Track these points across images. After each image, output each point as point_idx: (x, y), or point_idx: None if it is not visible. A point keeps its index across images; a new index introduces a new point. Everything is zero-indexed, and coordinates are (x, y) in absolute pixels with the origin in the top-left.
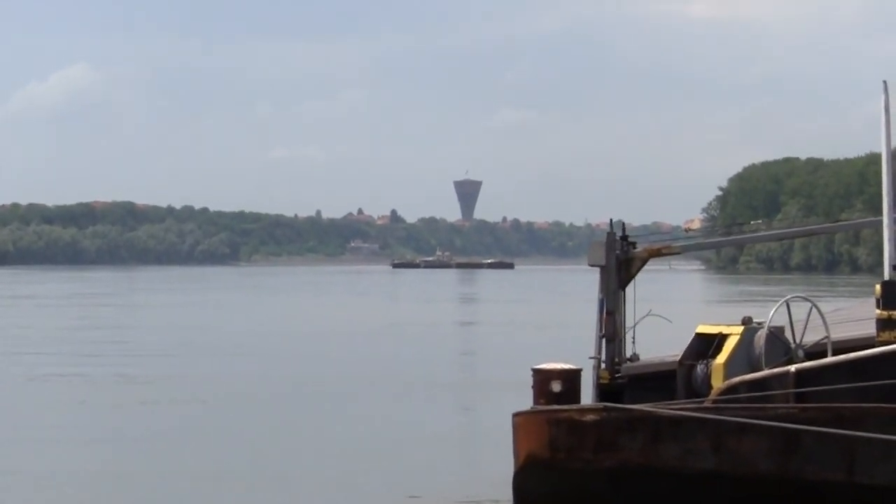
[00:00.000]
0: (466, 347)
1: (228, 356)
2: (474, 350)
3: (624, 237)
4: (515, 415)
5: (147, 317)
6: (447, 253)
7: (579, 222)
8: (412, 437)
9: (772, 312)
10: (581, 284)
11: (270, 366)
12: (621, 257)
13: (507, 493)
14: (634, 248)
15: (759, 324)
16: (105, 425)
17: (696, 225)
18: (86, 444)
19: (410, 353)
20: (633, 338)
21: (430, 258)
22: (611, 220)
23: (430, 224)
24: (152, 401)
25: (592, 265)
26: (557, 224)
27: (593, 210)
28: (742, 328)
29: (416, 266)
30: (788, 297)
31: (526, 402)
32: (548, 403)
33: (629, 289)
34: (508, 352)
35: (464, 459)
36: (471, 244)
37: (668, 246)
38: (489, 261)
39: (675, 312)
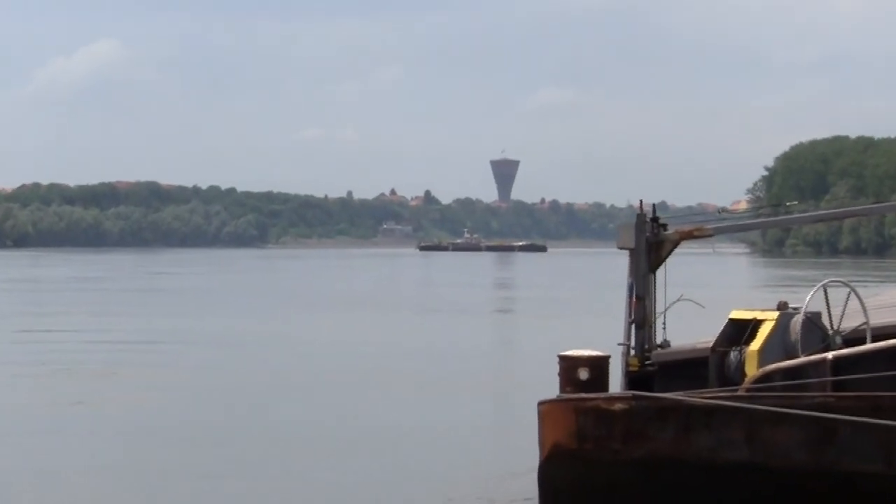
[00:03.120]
0: (490, 334)
1: (234, 346)
2: (499, 336)
3: (654, 218)
4: (541, 403)
5: (133, 304)
6: (476, 235)
7: (621, 203)
8: (435, 426)
9: (808, 297)
10: (615, 268)
11: (288, 356)
12: (651, 240)
13: (532, 484)
14: (665, 229)
15: (796, 309)
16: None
17: (743, 206)
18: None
19: (433, 340)
20: (664, 324)
21: (459, 240)
22: (640, 202)
23: (466, 205)
24: (85, 399)
25: (622, 248)
26: (598, 205)
27: (635, 191)
28: (777, 314)
29: (445, 249)
30: (826, 281)
31: (552, 390)
32: (575, 391)
33: (660, 272)
34: (534, 338)
35: (488, 449)
36: (507, 226)
37: (700, 228)
38: (520, 243)
39: (709, 297)
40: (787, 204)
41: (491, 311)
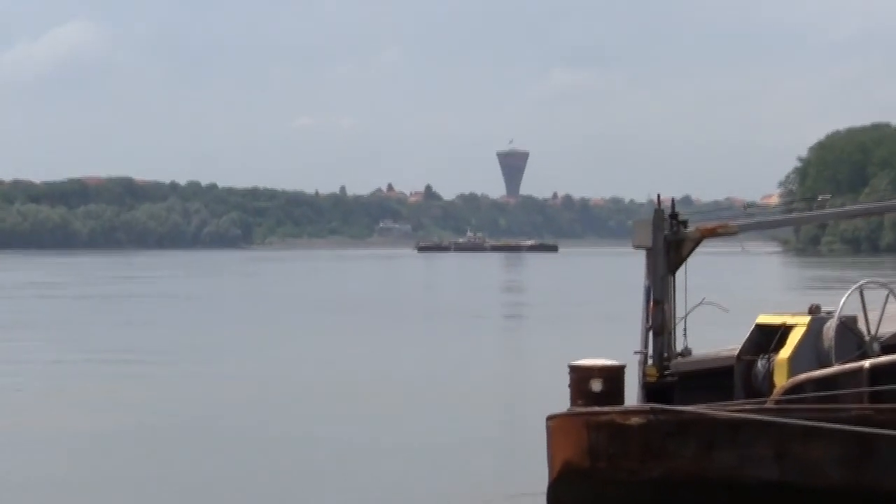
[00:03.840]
0: (495, 342)
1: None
2: (504, 345)
3: (673, 214)
4: (550, 418)
5: (95, 313)
6: (480, 234)
7: (641, 198)
8: (435, 443)
9: (843, 300)
10: (632, 269)
11: (273, 368)
12: (670, 238)
13: None
14: (686, 227)
15: (829, 313)
16: None
17: (774, 201)
18: None
19: (433, 349)
20: (685, 330)
21: (462, 240)
22: (658, 196)
23: (470, 201)
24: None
25: (638, 247)
26: (615, 200)
27: (656, 185)
28: (809, 318)
29: (446, 249)
30: (863, 281)
31: (562, 403)
32: (587, 404)
33: (680, 274)
34: (543, 346)
35: (493, 468)
36: (516, 224)
37: (724, 225)
38: (529, 243)
39: (735, 300)
40: (821, 198)
41: (495, 317)
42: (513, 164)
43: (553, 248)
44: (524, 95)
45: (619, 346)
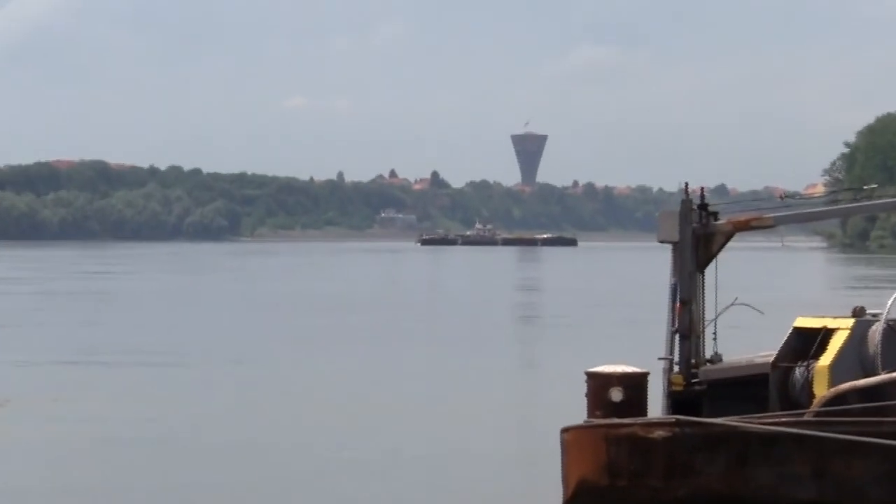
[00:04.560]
0: (506, 347)
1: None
2: (516, 350)
3: (703, 205)
4: (564, 430)
5: (56, 311)
6: (490, 227)
7: (671, 187)
8: (443, 458)
9: (890, 301)
10: (658, 265)
11: (265, 379)
12: (699, 231)
13: None
14: (716, 219)
15: (875, 315)
16: None
17: (819, 191)
18: None
19: (439, 356)
20: (714, 334)
21: (469, 232)
22: (686, 185)
23: (482, 189)
24: None
25: (663, 241)
26: (643, 189)
27: (688, 173)
28: (852, 321)
29: (452, 242)
30: None
31: (579, 414)
32: (606, 416)
33: (710, 271)
34: (559, 352)
35: (504, 485)
36: (532, 215)
37: (758, 217)
38: (545, 236)
39: (771, 301)
40: (870, 187)
41: (505, 319)
42: (529, 149)
43: (571, 242)
44: (542, 72)
45: (642, 351)
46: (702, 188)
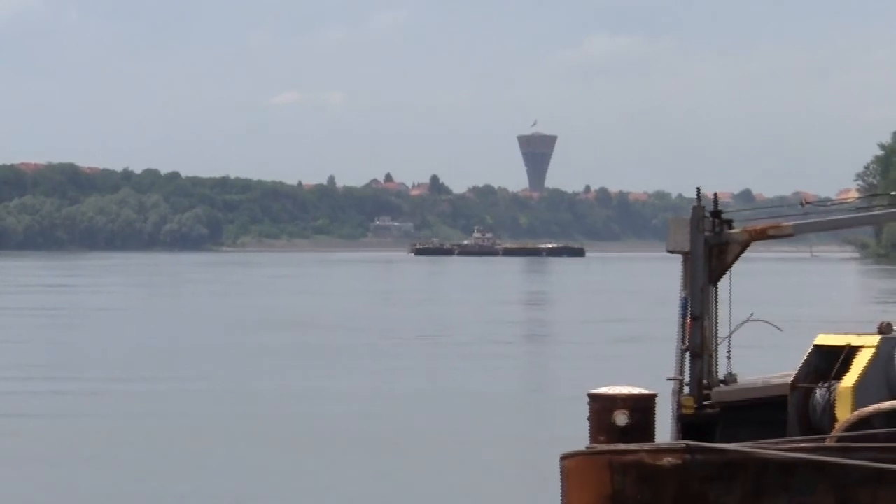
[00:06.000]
0: (505, 366)
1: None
2: (515, 369)
3: (716, 212)
4: (565, 457)
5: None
6: (490, 235)
7: (690, 193)
8: (436, 488)
9: None
10: (670, 278)
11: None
12: (712, 241)
13: None
14: (730, 227)
15: None
16: None
17: (852, 196)
18: None
19: (433, 375)
20: (729, 352)
21: (467, 242)
22: (698, 189)
23: (485, 195)
24: None
25: (673, 251)
26: (660, 195)
27: (710, 177)
28: (878, 338)
29: (448, 252)
30: None
31: (581, 439)
32: (610, 441)
33: (724, 284)
34: (560, 371)
35: None
36: (541, 222)
37: (776, 225)
38: (549, 245)
39: (790, 316)
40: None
41: (502, 337)
42: (537, 151)
43: (578, 252)
44: (552, 66)
45: (650, 370)
46: (715, 193)
